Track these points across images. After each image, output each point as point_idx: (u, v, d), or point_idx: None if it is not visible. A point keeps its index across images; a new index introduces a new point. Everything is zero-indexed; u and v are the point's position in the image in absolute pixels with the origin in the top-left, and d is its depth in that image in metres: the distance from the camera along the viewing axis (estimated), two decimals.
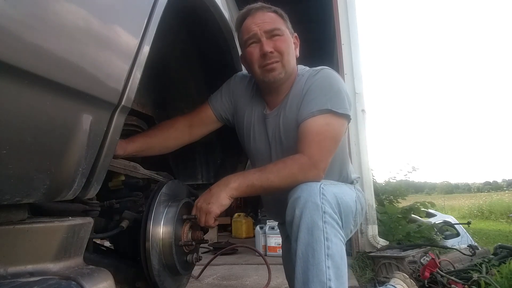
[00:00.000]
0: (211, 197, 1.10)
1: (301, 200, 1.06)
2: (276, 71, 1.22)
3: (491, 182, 62.73)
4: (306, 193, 1.07)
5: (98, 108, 0.64)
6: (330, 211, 1.05)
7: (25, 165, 0.54)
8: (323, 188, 1.08)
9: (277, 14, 1.27)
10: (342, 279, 1.03)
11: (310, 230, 1.03)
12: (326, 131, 1.17)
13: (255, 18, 1.24)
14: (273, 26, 1.22)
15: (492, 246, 2.94)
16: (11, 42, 0.46)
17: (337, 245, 1.03)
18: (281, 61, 1.22)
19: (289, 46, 1.25)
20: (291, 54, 1.25)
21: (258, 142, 1.37)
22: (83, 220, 0.70)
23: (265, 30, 1.21)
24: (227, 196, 1.10)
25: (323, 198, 1.05)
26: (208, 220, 1.10)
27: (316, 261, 1.00)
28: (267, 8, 1.26)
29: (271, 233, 3.36)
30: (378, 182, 4.01)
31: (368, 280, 2.42)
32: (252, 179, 1.12)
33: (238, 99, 1.40)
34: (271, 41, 1.21)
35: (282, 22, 1.27)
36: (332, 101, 1.18)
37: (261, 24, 1.22)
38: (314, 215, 1.03)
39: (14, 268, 0.59)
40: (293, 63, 1.28)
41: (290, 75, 1.28)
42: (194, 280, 2.44)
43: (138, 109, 1.32)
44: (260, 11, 1.25)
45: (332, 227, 1.04)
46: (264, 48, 1.20)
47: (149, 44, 0.74)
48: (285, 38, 1.24)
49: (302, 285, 1.01)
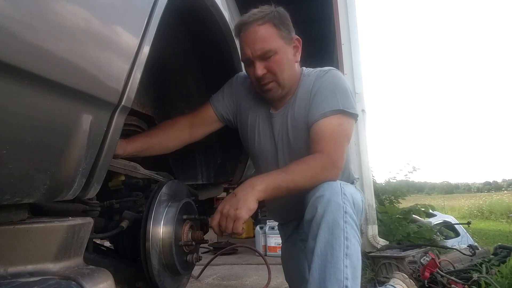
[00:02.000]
0: (238, 202, 1.03)
1: (324, 198, 1.06)
2: (272, 91, 1.25)
3: (491, 182, 62.74)
4: (328, 192, 1.07)
5: (98, 108, 0.64)
6: (350, 211, 1.06)
7: (25, 165, 0.54)
8: (343, 187, 1.09)
9: (271, 24, 1.20)
10: (358, 279, 1.04)
11: (330, 229, 1.03)
12: (340, 131, 1.19)
13: (247, 37, 1.20)
14: (264, 49, 1.18)
15: (492, 246, 2.94)
16: (11, 42, 0.45)
17: (355, 245, 1.04)
18: (275, 80, 1.23)
19: (283, 63, 1.22)
20: (286, 70, 1.24)
21: (263, 142, 1.36)
22: (83, 220, 0.70)
23: (257, 55, 1.19)
24: (254, 199, 1.04)
25: (344, 198, 1.06)
26: (237, 227, 1.03)
27: (334, 259, 1.01)
28: (260, 20, 1.19)
29: (271, 233, 3.36)
30: (378, 182, 4.01)
31: (368, 280, 2.42)
32: (278, 181, 1.09)
33: (241, 100, 1.40)
34: (264, 62, 1.20)
35: (275, 35, 1.20)
36: (342, 101, 1.20)
37: (252, 47, 1.19)
38: (336, 214, 1.04)
39: (14, 268, 0.59)
40: (290, 75, 1.26)
41: (290, 87, 1.28)
42: (194, 280, 2.44)
43: (138, 109, 1.32)
44: (251, 28, 1.19)
45: (351, 227, 1.04)
46: (257, 72, 1.20)
47: (149, 44, 0.74)
48: (278, 56, 1.20)
49: (318, 282, 1.02)
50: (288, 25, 1.24)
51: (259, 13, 1.21)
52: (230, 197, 1.07)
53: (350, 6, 3.22)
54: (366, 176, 2.99)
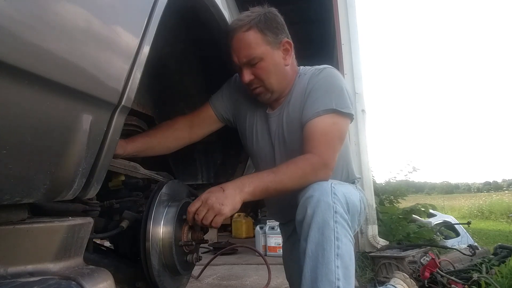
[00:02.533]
0: (225, 199, 1.03)
1: (314, 199, 1.06)
2: (262, 94, 1.27)
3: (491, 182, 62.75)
4: (318, 192, 1.07)
5: (98, 108, 0.64)
6: (341, 211, 1.05)
7: (25, 165, 0.54)
8: (334, 187, 1.08)
9: (256, 29, 1.19)
10: (350, 279, 1.03)
11: (321, 229, 1.03)
12: (332, 131, 1.18)
13: (233, 45, 1.21)
14: (249, 56, 1.19)
15: (492, 246, 2.94)
16: (11, 42, 0.45)
17: (347, 245, 1.04)
18: (263, 85, 1.24)
19: (270, 70, 1.22)
20: (273, 75, 1.23)
21: (261, 142, 1.36)
22: (83, 220, 0.70)
23: (242, 63, 1.21)
24: (241, 201, 1.06)
25: (334, 198, 1.06)
26: (218, 221, 1.03)
27: (325, 260, 1.01)
28: (245, 26, 1.18)
29: (271, 233, 3.36)
30: (378, 182, 4.01)
31: (368, 280, 2.42)
32: (267, 182, 1.09)
33: (239, 100, 1.40)
34: (251, 68, 1.22)
35: (261, 40, 1.19)
36: (336, 100, 1.19)
37: (238, 54, 1.21)
38: (326, 214, 1.03)
39: (14, 268, 0.59)
40: (278, 79, 1.25)
41: (281, 90, 1.29)
42: (194, 280, 2.44)
43: (138, 109, 1.32)
44: (236, 35, 1.20)
45: (342, 227, 1.04)
46: (244, 79, 1.23)
47: (149, 44, 0.74)
48: (264, 63, 1.20)
49: (310, 283, 1.02)
50: (276, 28, 1.22)
51: (245, 18, 1.20)
52: (216, 190, 1.06)
53: (350, 6, 3.22)
54: (366, 176, 2.99)
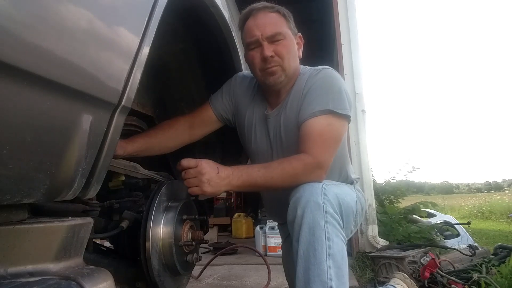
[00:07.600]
0: (214, 181, 1.06)
1: (303, 199, 1.06)
2: (276, 75, 1.23)
3: (491, 182, 62.76)
4: (308, 192, 1.07)
5: (98, 108, 0.64)
6: (331, 211, 1.05)
7: (25, 165, 0.54)
8: (325, 188, 1.08)
9: (280, 14, 1.24)
10: (343, 278, 1.03)
11: (311, 230, 1.03)
12: (328, 132, 1.18)
13: (257, 20, 1.22)
14: (275, 31, 1.21)
15: (492, 246, 2.94)
16: (11, 42, 0.46)
17: (338, 244, 1.04)
18: (281, 65, 1.22)
19: (291, 50, 1.24)
20: (292, 58, 1.24)
21: (259, 142, 1.36)
22: (83, 220, 0.70)
23: (267, 36, 1.20)
24: (225, 190, 1.10)
25: (324, 198, 1.06)
26: (194, 191, 1.07)
27: (317, 261, 1.01)
28: (270, 8, 1.24)
29: (271, 233, 3.36)
30: (378, 182, 4.01)
31: (368, 280, 2.42)
32: (256, 177, 1.11)
33: (239, 99, 1.40)
34: (272, 45, 1.21)
35: (285, 23, 1.24)
36: (333, 101, 1.19)
37: (263, 28, 1.21)
38: (316, 214, 1.03)
39: (14, 268, 0.59)
40: (294, 65, 1.26)
41: (291, 78, 1.28)
42: (194, 280, 2.44)
43: (138, 109, 1.32)
44: (262, 12, 1.23)
45: (333, 227, 1.04)
46: (265, 52, 1.19)
47: (149, 44, 0.74)
48: (286, 42, 1.22)
49: (303, 284, 1.02)
50: (293, 22, 1.29)
51: (268, 3, 1.26)
52: (213, 168, 1.08)
53: (350, 6, 3.22)
54: (366, 176, 2.99)
